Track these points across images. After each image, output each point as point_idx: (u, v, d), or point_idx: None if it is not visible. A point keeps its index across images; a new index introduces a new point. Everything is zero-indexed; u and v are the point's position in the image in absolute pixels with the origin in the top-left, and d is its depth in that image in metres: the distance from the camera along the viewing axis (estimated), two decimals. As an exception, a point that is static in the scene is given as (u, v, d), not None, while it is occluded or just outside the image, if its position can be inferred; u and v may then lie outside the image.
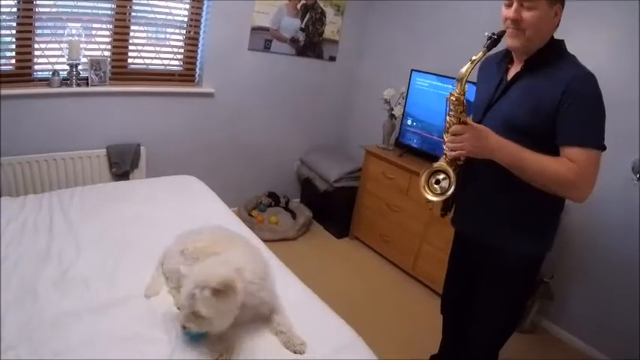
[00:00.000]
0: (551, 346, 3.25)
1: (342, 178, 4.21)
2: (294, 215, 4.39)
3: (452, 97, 1.74)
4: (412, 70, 3.79)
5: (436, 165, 1.85)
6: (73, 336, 1.64)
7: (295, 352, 1.70)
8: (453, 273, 2.34)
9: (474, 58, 1.73)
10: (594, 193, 1.73)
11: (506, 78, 1.83)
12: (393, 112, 3.94)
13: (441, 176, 1.83)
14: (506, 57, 1.88)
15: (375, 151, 3.99)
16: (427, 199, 1.87)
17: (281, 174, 4.69)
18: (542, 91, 1.67)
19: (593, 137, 1.61)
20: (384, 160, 3.90)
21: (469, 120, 1.75)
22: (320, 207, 4.49)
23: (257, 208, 4.36)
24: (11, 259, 2.04)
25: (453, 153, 1.75)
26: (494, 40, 1.72)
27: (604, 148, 1.64)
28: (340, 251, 4.18)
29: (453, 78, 3.29)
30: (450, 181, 1.80)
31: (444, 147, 1.80)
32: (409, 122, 3.83)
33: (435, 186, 1.85)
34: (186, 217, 2.50)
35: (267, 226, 4.11)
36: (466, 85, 1.74)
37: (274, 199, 4.50)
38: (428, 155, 3.59)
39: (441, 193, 1.83)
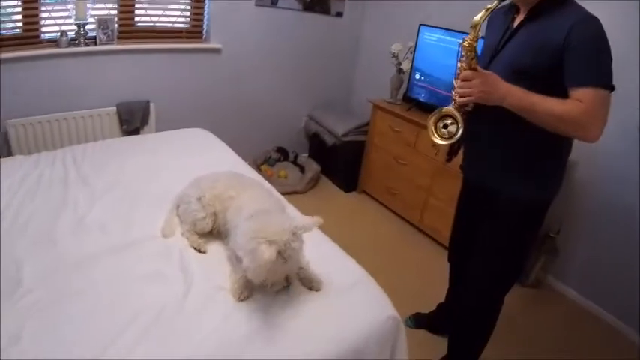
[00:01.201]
0: (554, 302, 3.28)
1: (350, 132, 4.24)
2: (302, 170, 4.42)
3: (464, 44, 1.75)
4: (421, 24, 3.74)
5: (445, 109, 1.87)
6: (92, 276, 1.72)
7: (311, 289, 1.77)
8: (460, 220, 2.39)
9: (488, 6, 1.76)
10: (601, 147, 1.75)
11: (512, 26, 1.84)
12: (401, 67, 3.92)
13: (449, 121, 1.86)
14: (513, 7, 1.88)
15: (382, 105, 3.99)
16: (434, 142, 1.90)
17: (289, 129, 4.72)
18: (546, 33, 1.68)
19: (599, 76, 1.60)
20: (391, 114, 3.91)
21: (479, 67, 1.76)
22: (328, 161, 4.53)
23: (266, 162, 4.40)
24: (27, 211, 2.11)
25: (462, 99, 1.77)
26: None
27: (612, 88, 1.63)
28: (348, 205, 4.24)
29: (463, 32, 3.28)
30: (457, 127, 1.83)
31: (453, 93, 1.82)
32: (417, 76, 3.81)
33: (443, 130, 1.88)
34: (197, 165, 2.53)
35: (276, 180, 4.14)
36: (479, 32, 1.76)
37: (283, 154, 4.54)
38: (436, 109, 3.54)
39: (449, 138, 1.86)
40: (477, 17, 1.75)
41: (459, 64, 1.81)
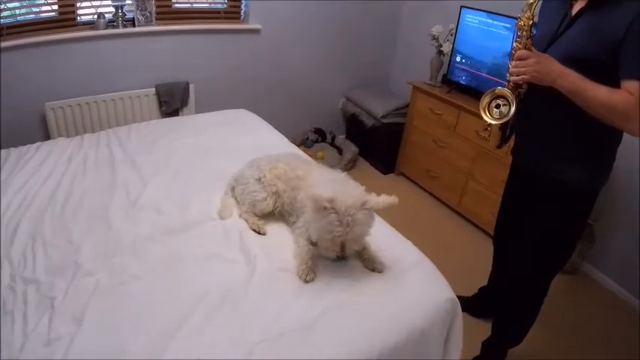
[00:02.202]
0: (589, 289, 3.25)
1: (389, 114, 4.20)
2: (340, 151, 4.40)
3: (520, 22, 1.75)
4: (462, 6, 3.67)
5: (498, 90, 1.86)
6: (151, 259, 1.72)
7: (374, 270, 1.77)
8: (507, 204, 2.37)
9: None
10: None
11: (571, 13, 1.80)
12: (441, 49, 3.86)
13: (502, 102, 1.85)
14: None
15: (422, 87, 3.94)
16: (486, 121, 1.90)
17: (326, 110, 4.69)
18: (606, 25, 1.65)
19: None
20: (431, 96, 3.86)
21: (534, 49, 1.76)
22: (366, 143, 4.50)
23: (304, 143, 4.36)
24: (77, 194, 2.12)
25: (517, 77, 1.75)
26: None
27: None
28: (386, 187, 4.12)
29: (504, 15, 3.22)
30: (509, 108, 1.82)
31: (508, 74, 1.81)
32: (458, 59, 3.76)
33: (495, 110, 1.87)
34: (245, 145, 2.56)
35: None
36: (534, 12, 1.74)
37: (320, 135, 4.50)
38: (477, 92, 3.47)
39: (500, 118, 1.86)
40: None
41: (514, 44, 1.80)
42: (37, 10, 3.05)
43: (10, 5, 2.90)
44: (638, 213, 3.03)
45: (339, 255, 1.67)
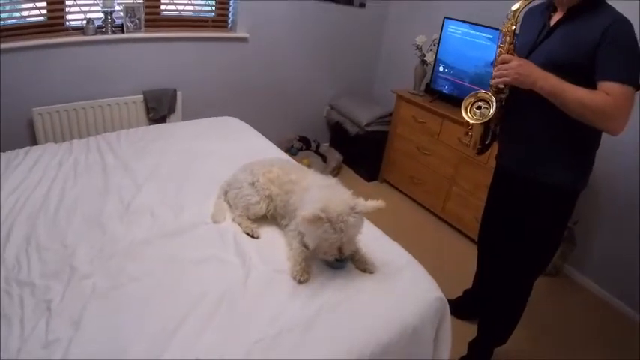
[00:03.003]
0: (571, 291, 3.33)
1: (374, 122, 4.25)
2: (324, 159, 4.42)
3: (504, 29, 1.87)
4: (445, 17, 3.74)
5: (481, 93, 1.96)
6: (147, 262, 1.74)
7: (365, 271, 1.82)
8: (492, 207, 2.43)
9: None
10: (620, 141, 1.86)
11: (549, 24, 1.90)
12: (425, 59, 3.93)
13: (483, 104, 1.95)
14: (550, 6, 1.94)
15: (406, 96, 4.00)
16: (467, 121, 2.00)
17: (311, 118, 4.72)
18: (583, 32, 1.75)
19: (628, 74, 1.68)
20: (415, 105, 3.92)
21: (516, 54, 1.87)
22: (350, 151, 4.54)
23: (289, 151, 4.34)
24: (69, 198, 2.11)
25: (500, 79, 1.85)
26: None
27: (638, 87, 1.71)
28: (370, 194, 4.06)
29: (487, 26, 3.30)
30: (490, 110, 1.92)
31: (491, 78, 1.91)
32: (441, 68, 3.83)
33: (476, 111, 1.97)
34: (236, 151, 2.58)
35: (299, 169, 4.13)
36: (519, 18, 1.87)
37: (305, 143, 4.53)
38: (459, 101, 3.49)
39: (480, 118, 1.96)
40: (516, 5, 1.86)
41: (498, 50, 1.92)
42: (20, 14, 3.03)
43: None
44: (616, 216, 3.13)
45: (337, 257, 1.71)
